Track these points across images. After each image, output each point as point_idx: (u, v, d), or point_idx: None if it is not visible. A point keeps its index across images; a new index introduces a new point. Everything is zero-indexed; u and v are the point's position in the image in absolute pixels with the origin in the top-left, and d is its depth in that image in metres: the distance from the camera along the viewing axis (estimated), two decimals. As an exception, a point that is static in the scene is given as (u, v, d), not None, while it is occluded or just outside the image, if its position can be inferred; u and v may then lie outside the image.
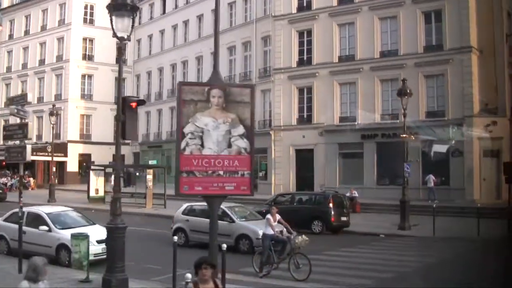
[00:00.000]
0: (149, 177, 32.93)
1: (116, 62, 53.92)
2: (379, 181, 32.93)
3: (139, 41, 54.03)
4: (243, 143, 8.99)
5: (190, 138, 8.80)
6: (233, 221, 17.08)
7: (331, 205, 21.74)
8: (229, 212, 17.40)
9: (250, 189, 9.12)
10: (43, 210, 15.86)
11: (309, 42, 35.72)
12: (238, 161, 8.98)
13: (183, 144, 8.78)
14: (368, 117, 33.06)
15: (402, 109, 23.02)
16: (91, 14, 52.60)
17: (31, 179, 48.22)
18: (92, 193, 35.25)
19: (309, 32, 35.74)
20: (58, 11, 53.29)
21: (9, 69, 57.59)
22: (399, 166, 24.63)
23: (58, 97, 51.94)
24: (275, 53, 37.23)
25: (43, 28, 54.34)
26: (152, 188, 32.73)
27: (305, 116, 36.10)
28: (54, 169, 51.89)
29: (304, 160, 35.69)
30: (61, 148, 50.03)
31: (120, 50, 11.75)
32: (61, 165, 50.54)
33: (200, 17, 46.44)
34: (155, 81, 51.45)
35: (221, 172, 8.91)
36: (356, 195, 29.88)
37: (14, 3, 57.91)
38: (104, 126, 51.72)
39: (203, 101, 8.93)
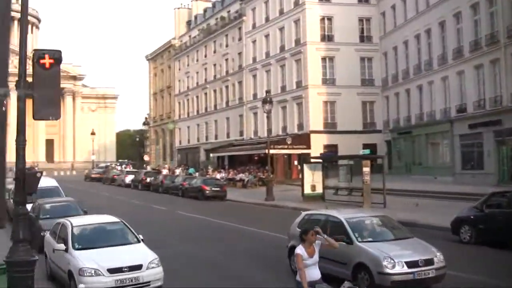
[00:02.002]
0: (366, 169, 31.79)
1: (360, 41, 54.93)
2: None
3: (383, 14, 52.99)
4: None
5: None
6: (351, 242, 12.94)
7: None
8: (347, 227, 13.27)
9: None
10: (72, 221, 13.77)
11: None
12: None
13: None
14: None
15: None
16: (328, -10, 53.56)
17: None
18: (308, 190, 35.37)
19: None
20: (293, -10, 55.17)
21: (254, 59, 62.55)
22: None
23: (299, 84, 54.66)
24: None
25: (281, 12, 57.51)
26: (370, 182, 32.17)
27: None
28: (296, 162, 55.60)
29: None
30: (304, 140, 52.37)
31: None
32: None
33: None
34: (402, 57, 49.99)
35: None
36: None
37: (256, -10, 62.76)
38: (350, 113, 52.39)
39: None
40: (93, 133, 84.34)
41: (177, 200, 40.34)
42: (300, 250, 9.09)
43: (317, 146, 51.44)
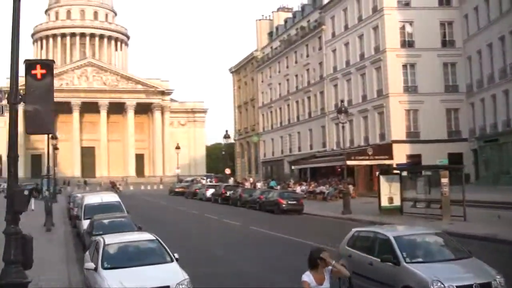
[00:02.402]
0: (444, 180, 30.81)
1: (442, 46, 53.53)
2: None
3: (466, 16, 51.29)
4: None
5: None
6: (398, 263, 11.90)
7: None
8: (394, 245, 12.28)
9: None
10: (106, 238, 13.80)
11: None
12: None
13: None
14: None
15: None
16: (406, -6, 52.59)
17: (351, 187, 51.22)
18: (385, 202, 34.54)
19: None
20: (371, -4, 54.70)
21: (335, 69, 62.22)
22: None
23: (379, 92, 53.73)
24: None
25: (360, 19, 56.84)
26: (449, 194, 31.17)
27: None
28: (377, 174, 54.72)
29: None
30: (385, 150, 51.44)
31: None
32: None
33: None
34: (486, 61, 48.11)
35: None
36: None
37: (333, -2, 62.57)
38: (433, 121, 51.16)
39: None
40: (177, 147, 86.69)
41: (253, 214, 40.59)
42: (307, 277, 8.23)
43: (399, 156, 50.47)
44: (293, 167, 68.20)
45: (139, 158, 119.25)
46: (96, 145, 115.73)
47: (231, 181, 68.12)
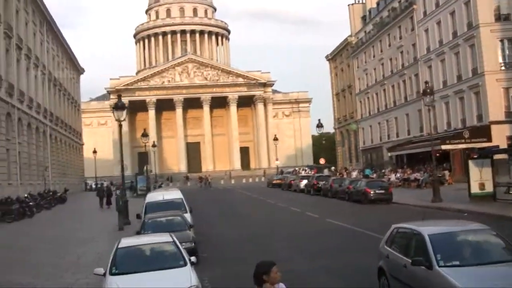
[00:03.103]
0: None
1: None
2: None
3: None
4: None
5: None
6: (430, 266, 10.14)
7: None
8: (428, 245, 10.54)
9: None
10: (122, 240, 13.36)
11: None
12: None
13: None
14: None
15: None
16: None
17: (446, 172, 48.89)
18: (475, 189, 32.68)
19: None
20: (459, -33, 51.67)
21: (428, 49, 59.51)
22: None
23: (474, 71, 50.70)
24: None
25: (450, -6, 54.45)
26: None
27: None
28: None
29: None
30: (482, 132, 48.74)
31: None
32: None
33: None
34: None
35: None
36: None
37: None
38: (535, 99, 48.32)
39: None
40: (275, 139, 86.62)
41: (339, 205, 39.56)
42: None
43: (499, 138, 47.58)
44: (389, 154, 66.29)
45: (244, 151, 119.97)
46: (201, 140, 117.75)
47: (326, 171, 67.08)
